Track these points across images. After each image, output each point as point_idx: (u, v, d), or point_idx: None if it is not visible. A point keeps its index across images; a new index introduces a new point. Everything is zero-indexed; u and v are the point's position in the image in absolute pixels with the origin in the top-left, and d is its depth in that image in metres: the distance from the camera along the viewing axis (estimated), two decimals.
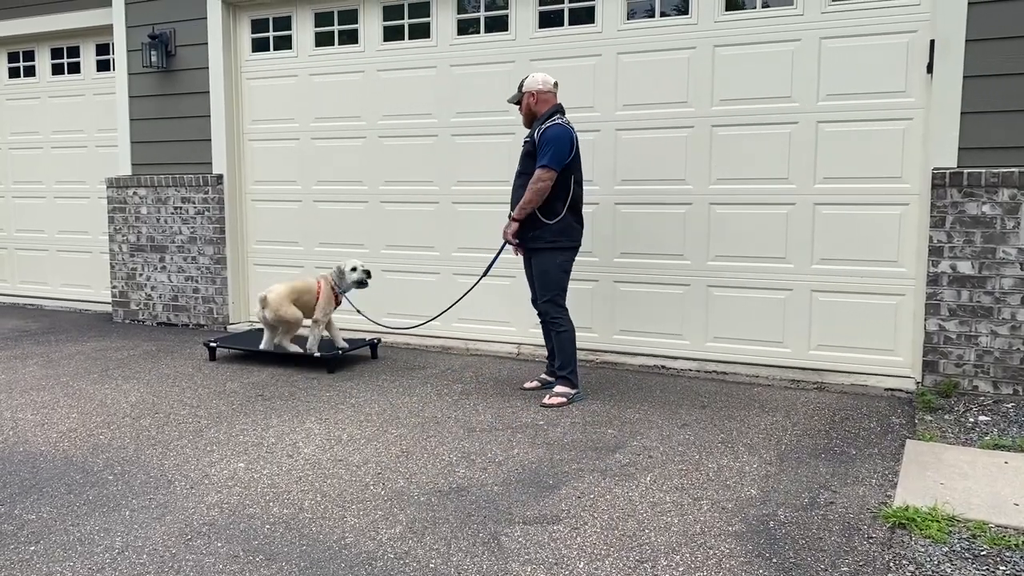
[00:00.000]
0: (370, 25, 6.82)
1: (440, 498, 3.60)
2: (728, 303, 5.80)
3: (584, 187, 5.29)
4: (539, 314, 5.23)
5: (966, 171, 4.96)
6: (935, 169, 5.04)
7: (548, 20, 6.20)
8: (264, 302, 5.86)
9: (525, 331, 6.46)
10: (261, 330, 6.89)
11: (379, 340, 6.39)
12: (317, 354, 5.87)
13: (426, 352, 6.47)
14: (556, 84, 5.15)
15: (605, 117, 6.03)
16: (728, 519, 3.34)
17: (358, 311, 6.30)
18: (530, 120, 5.13)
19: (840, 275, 5.49)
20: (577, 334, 6.20)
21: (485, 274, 5.61)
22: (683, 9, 5.77)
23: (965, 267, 5.00)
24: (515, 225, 5.02)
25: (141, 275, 7.82)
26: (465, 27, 6.49)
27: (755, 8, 5.58)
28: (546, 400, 5.05)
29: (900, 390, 5.19)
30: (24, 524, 3.40)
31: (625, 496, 3.58)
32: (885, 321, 5.40)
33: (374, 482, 3.79)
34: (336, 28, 6.97)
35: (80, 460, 4.13)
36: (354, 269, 5.97)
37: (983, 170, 4.92)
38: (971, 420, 4.57)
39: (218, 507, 3.55)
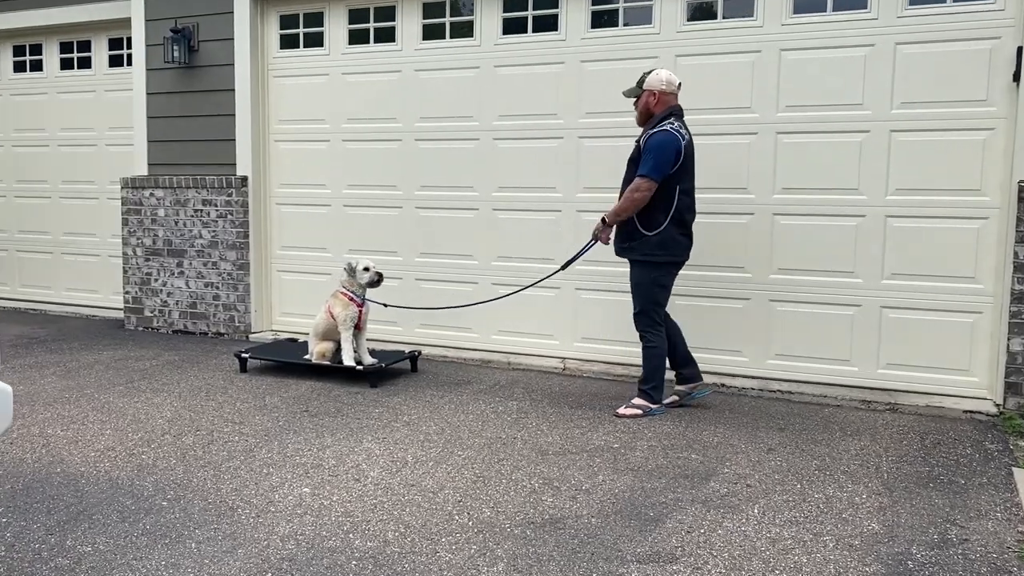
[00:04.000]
0: (408, 23, 6.52)
1: (536, 531, 3.30)
2: (791, 319, 5.54)
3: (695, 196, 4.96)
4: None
5: None
6: (1022, 182, 4.82)
7: (601, 20, 5.94)
8: None
9: (570, 344, 6.17)
10: (292, 340, 6.57)
11: (419, 352, 6.06)
12: (359, 367, 5.54)
13: (466, 365, 6.15)
14: (680, 85, 4.84)
15: None
16: (861, 558, 3.06)
17: (384, 304, 6.00)
18: (644, 119, 4.85)
19: (912, 291, 5.25)
20: (628, 348, 5.97)
21: (564, 268, 5.33)
22: (747, 11, 5.52)
23: None
24: (608, 231, 4.81)
25: (156, 280, 7.44)
26: (511, 26, 6.20)
27: (825, 11, 5.34)
28: (620, 410, 4.85)
29: (979, 412, 4.94)
30: (81, 558, 3.06)
31: (738, 531, 3.30)
32: (960, 340, 5.16)
33: (457, 511, 3.48)
34: (372, 25, 6.66)
35: (127, 483, 3.79)
36: (367, 269, 5.66)
37: None
38: None
39: (293, 539, 3.22)
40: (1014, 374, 4.89)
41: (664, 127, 4.66)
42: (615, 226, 4.88)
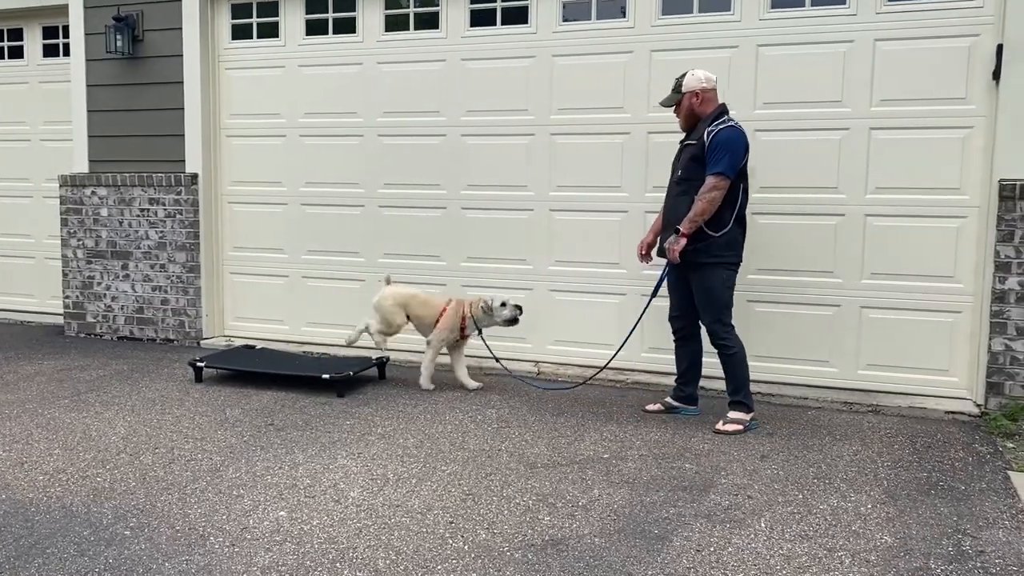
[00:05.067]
0: (370, 13, 6.24)
1: (537, 554, 3.09)
2: (770, 320, 5.44)
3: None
4: (674, 331, 4.85)
5: None
6: (1002, 181, 4.79)
7: (574, 13, 5.75)
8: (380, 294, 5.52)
9: (543, 347, 5.98)
10: (248, 347, 6.23)
11: (387, 359, 5.79)
12: (326, 376, 5.25)
13: (436, 370, 5.89)
14: (716, 80, 4.66)
15: (636, 119, 5.61)
16: (881, 575, 2.93)
17: (493, 355, 5.47)
18: (691, 123, 4.65)
19: (892, 291, 5.19)
20: (605, 352, 5.81)
21: (653, 297, 4.98)
22: (724, 5, 5.39)
23: None
24: (683, 242, 4.47)
25: (100, 284, 7.01)
26: (479, 18, 5.97)
27: (804, 6, 5.25)
28: (720, 426, 4.52)
29: (962, 413, 4.90)
30: None
31: (749, 548, 3.14)
32: (940, 340, 5.12)
33: (450, 534, 3.25)
34: (330, 15, 6.36)
35: (82, 510, 3.46)
36: (503, 304, 5.25)
37: None
38: None
39: (275, 570, 2.96)
40: (995, 374, 4.86)
41: (729, 123, 4.49)
42: (665, 229, 4.67)
